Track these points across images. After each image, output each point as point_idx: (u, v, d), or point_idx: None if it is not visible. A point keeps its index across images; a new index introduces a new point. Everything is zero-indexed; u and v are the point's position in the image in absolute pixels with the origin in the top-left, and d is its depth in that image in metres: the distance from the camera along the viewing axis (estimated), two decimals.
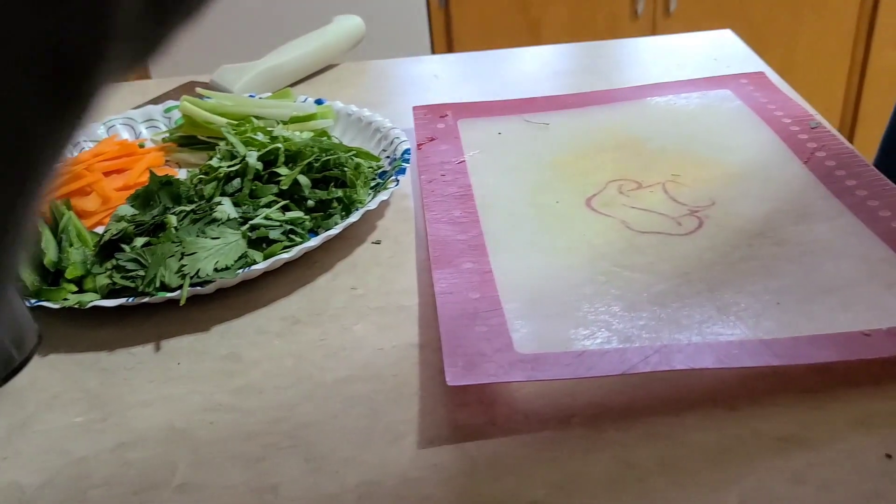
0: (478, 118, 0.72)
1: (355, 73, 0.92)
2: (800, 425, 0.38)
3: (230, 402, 0.43)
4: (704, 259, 0.49)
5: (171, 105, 0.76)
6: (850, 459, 0.36)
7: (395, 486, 0.36)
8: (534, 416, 0.40)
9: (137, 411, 0.43)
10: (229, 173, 0.56)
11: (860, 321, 0.42)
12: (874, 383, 0.40)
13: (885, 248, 0.48)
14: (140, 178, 0.66)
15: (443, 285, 0.48)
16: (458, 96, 0.81)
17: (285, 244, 0.52)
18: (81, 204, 0.62)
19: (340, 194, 0.57)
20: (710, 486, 0.35)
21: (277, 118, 0.70)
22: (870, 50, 1.97)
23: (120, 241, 0.52)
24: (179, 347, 0.47)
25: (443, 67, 0.91)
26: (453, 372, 0.40)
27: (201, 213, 0.51)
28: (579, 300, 0.46)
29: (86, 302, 0.48)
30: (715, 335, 0.42)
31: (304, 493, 0.36)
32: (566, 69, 0.86)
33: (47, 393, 0.44)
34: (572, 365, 0.40)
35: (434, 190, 0.60)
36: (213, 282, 0.50)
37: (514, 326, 0.44)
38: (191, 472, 0.38)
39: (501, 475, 0.36)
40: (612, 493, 0.35)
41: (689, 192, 0.57)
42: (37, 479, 0.39)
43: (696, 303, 0.45)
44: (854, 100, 2.11)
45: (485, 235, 0.53)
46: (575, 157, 0.63)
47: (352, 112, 0.72)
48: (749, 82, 0.73)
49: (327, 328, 0.48)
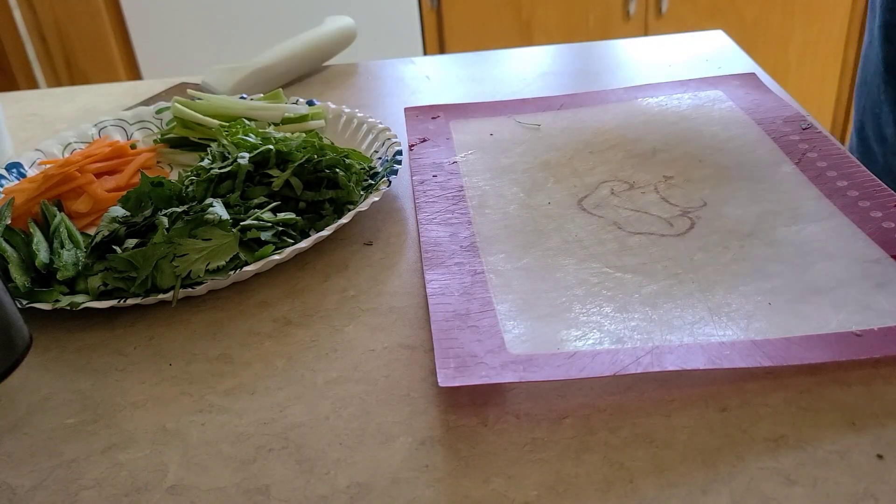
0: (470, 119, 0.72)
1: (347, 74, 0.92)
2: (791, 426, 0.38)
3: (221, 404, 0.43)
4: (696, 260, 0.49)
5: (162, 106, 0.76)
6: (842, 460, 0.36)
7: (387, 487, 0.36)
8: (525, 417, 0.40)
9: (129, 412, 0.42)
10: (221, 174, 0.56)
11: (851, 322, 0.43)
12: (865, 384, 0.40)
13: (877, 249, 0.48)
14: (132, 180, 0.66)
15: (434, 286, 0.48)
16: (449, 97, 0.81)
17: (277, 245, 0.52)
18: (73, 205, 0.62)
19: (332, 195, 0.57)
20: (702, 486, 0.35)
21: (269, 119, 0.70)
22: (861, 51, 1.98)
23: (111, 243, 0.51)
24: (171, 349, 0.47)
25: (434, 68, 0.91)
26: (445, 373, 0.40)
27: (193, 215, 0.51)
28: (571, 301, 0.46)
29: (77, 303, 0.48)
30: (706, 336, 0.42)
31: (296, 494, 0.36)
32: (558, 70, 0.86)
33: (39, 394, 0.44)
34: (564, 366, 0.40)
35: (426, 191, 0.60)
36: (205, 283, 0.50)
37: (506, 327, 0.44)
38: (182, 474, 0.38)
39: (493, 476, 0.36)
40: (603, 494, 0.35)
41: (681, 193, 0.57)
42: (28, 481, 0.38)
43: (688, 304, 0.45)
44: (845, 101, 2.12)
45: (477, 236, 0.53)
46: (567, 158, 0.64)
47: (343, 113, 0.72)
48: (741, 83, 0.73)
49: (319, 329, 0.48)
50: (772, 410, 0.39)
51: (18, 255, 0.52)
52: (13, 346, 0.41)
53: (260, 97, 0.75)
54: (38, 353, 0.48)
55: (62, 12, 2.15)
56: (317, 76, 0.92)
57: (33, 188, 0.61)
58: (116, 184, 0.65)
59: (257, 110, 0.70)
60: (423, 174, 0.63)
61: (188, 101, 0.71)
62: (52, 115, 0.89)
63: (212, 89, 0.83)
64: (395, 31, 2.13)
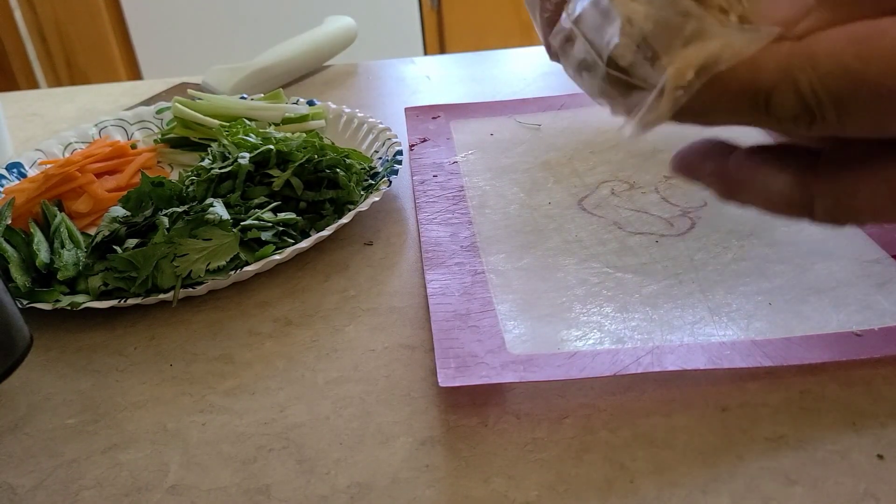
0: (470, 119, 0.72)
1: (347, 74, 0.92)
2: (791, 426, 0.38)
3: (222, 404, 0.43)
4: (696, 260, 0.49)
5: (162, 106, 0.76)
6: (843, 460, 0.36)
7: (387, 487, 0.36)
8: (525, 417, 0.40)
9: (129, 413, 0.42)
10: (221, 174, 0.56)
11: (852, 321, 0.43)
12: (866, 384, 0.40)
13: (877, 249, 0.48)
14: (132, 180, 0.66)
15: (435, 286, 0.48)
16: (450, 97, 0.81)
17: (277, 245, 0.52)
18: (73, 205, 0.62)
19: (332, 195, 0.57)
20: (702, 486, 0.35)
21: (269, 119, 0.70)
22: None
23: (112, 243, 0.51)
24: (171, 349, 0.47)
25: (435, 68, 0.91)
26: (445, 373, 0.40)
27: (193, 215, 0.51)
28: (571, 301, 0.46)
29: (78, 303, 0.48)
30: (707, 336, 0.42)
31: (296, 494, 0.36)
32: (558, 70, 0.86)
33: (39, 394, 0.44)
34: (564, 366, 0.40)
35: (426, 191, 0.60)
36: (205, 283, 0.50)
37: (507, 327, 0.44)
38: (182, 474, 0.38)
39: (493, 476, 0.36)
40: (603, 494, 0.35)
41: (682, 192, 0.57)
42: (28, 481, 0.38)
43: (688, 304, 0.45)
44: None
45: (477, 236, 0.53)
46: (567, 158, 0.64)
47: (344, 113, 0.72)
48: None
49: (319, 329, 0.48)
50: (772, 410, 0.39)
51: (19, 255, 0.52)
52: (14, 346, 0.41)
53: (260, 97, 0.75)
54: (38, 353, 0.48)
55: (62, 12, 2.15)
56: (317, 76, 0.92)
57: (34, 188, 0.61)
58: (117, 184, 0.65)
59: (257, 110, 0.71)
60: (424, 174, 0.63)
61: (188, 101, 0.71)
62: (52, 115, 0.89)
63: (212, 89, 0.83)
64: (396, 31, 2.13)
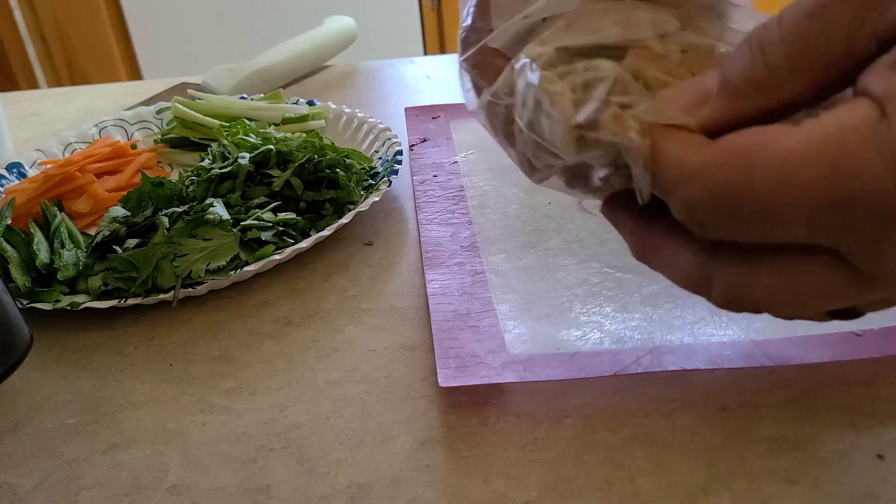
0: (470, 119, 0.72)
1: (347, 74, 0.92)
2: (792, 426, 0.38)
3: (222, 404, 0.43)
4: None
5: (162, 106, 0.76)
6: (843, 460, 0.36)
7: (387, 487, 0.36)
8: (526, 417, 0.40)
9: (129, 413, 0.42)
10: (221, 174, 0.56)
11: (852, 322, 0.42)
12: (866, 384, 0.40)
13: None
14: (132, 180, 0.66)
15: (435, 286, 0.48)
16: (450, 97, 0.81)
17: (277, 245, 0.52)
18: (73, 205, 0.62)
19: (332, 195, 0.57)
20: (702, 486, 0.35)
21: (269, 119, 0.70)
22: None
23: (112, 243, 0.51)
24: (171, 349, 0.47)
25: (435, 68, 0.91)
26: (445, 373, 0.40)
27: (193, 215, 0.51)
28: (571, 301, 0.46)
29: (78, 303, 0.48)
30: (707, 336, 0.42)
31: (296, 494, 0.36)
32: None
33: (39, 394, 0.44)
34: (564, 366, 0.40)
35: (426, 191, 0.60)
36: (205, 283, 0.50)
37: (507, 327, 0.44)
38: (183, 473, 0.38)
39: (493, 476, 0.36)
40: (603, 494, 0.35)
41: None
42: (28, 481, 0.38)
43: (688, 304, 0.45)
44: None
45: (477, 236, 0.53)
46: None
47: (344, 113, 0.72)
48: None
49: (319, 329, 0.48)
50: (772, 410, 0.39)
51: (19, 255, 0.52)
52: (14, 346, 0.41)
53: (260, 97, 0.75)
54: (38, 353, 0.48)
55: (63, 12, 2.15)
56: (317, 76, 0.92)
57: (34, 188, 0.61)
58: (117, 184, 0.65)
59: (258, 110, 0.71)
60: (424, 174, 0.63)
61: (189, 101, 0.71)
62: (52, 115, 0.89)
63: (212, 89, 0.83)
64: (396, 31, 2.13)
